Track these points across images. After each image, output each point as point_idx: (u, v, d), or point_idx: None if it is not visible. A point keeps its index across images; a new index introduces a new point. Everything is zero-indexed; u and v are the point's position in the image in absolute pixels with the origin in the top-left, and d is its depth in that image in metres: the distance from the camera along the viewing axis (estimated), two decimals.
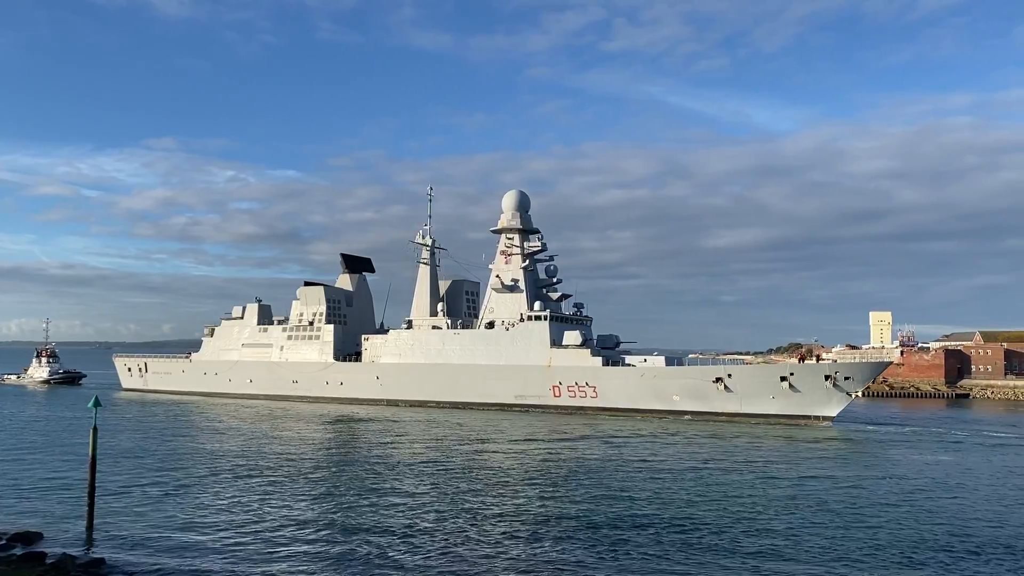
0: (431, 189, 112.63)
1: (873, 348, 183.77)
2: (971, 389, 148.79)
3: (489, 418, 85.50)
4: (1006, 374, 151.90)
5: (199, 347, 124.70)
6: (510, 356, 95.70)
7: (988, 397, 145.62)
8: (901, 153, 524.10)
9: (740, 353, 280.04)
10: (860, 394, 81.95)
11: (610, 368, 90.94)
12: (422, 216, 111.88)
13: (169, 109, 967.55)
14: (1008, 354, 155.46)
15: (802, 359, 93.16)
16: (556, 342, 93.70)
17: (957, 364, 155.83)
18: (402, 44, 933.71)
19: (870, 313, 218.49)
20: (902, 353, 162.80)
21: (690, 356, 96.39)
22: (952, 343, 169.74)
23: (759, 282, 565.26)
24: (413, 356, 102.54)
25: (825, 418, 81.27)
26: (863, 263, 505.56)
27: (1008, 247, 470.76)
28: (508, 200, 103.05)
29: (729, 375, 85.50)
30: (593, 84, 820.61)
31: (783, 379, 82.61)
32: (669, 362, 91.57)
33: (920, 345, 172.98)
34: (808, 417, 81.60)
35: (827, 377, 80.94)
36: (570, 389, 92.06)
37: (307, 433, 72.03)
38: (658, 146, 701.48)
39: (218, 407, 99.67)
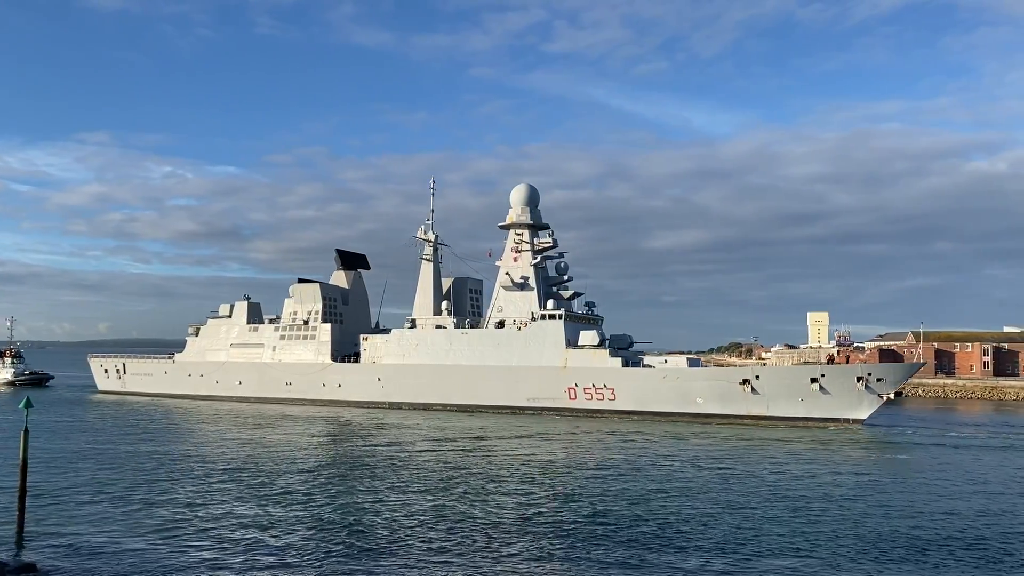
0: (433, 181, 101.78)
1: (811, 348, 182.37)
2: (904, 387, 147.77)
3: (500, 422, 76.27)
4: (936, 373, 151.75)
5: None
6: (522, 357, 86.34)
7: (920, 395, 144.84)
8: (835, 157, 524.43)
9: (682, 353, 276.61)
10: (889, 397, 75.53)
11: (630, 369, 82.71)
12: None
13: (102, 102, 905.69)
14: (938, 354, 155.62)
15: (830, 360, 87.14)
16: (571, 342, 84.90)
17: None
18: (342, 41, 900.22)
19: (808, 313, 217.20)
20: (838, 353, 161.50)
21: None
22: (886, 343, 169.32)
23: (699, 283, 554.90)
24: (418, 357, 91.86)
25: (855, 421, 75.19)
26: (800, 264, 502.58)
27: (936, 250, 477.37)
28: (517, 194, 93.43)
29: (756, 376, 78.57)
30: (536, 85, 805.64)
31: (813, 380, 76.07)
32: (692, 363, 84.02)
33: (856, 345, 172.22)
34: (838, 420, 75.36)
35: (859, 379, 74.95)
36: (587, 391, 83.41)
37: (296, 436, 62.58)
38: (601, 148, 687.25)
39: (203, 410, 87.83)
